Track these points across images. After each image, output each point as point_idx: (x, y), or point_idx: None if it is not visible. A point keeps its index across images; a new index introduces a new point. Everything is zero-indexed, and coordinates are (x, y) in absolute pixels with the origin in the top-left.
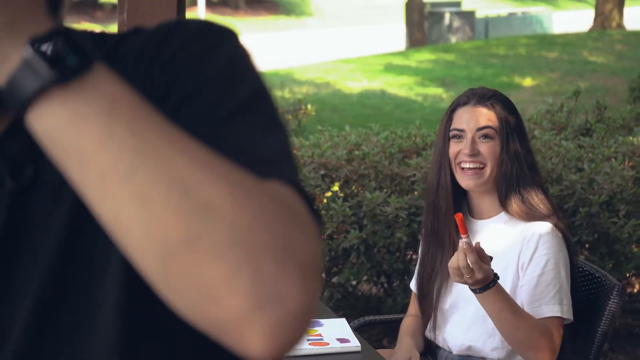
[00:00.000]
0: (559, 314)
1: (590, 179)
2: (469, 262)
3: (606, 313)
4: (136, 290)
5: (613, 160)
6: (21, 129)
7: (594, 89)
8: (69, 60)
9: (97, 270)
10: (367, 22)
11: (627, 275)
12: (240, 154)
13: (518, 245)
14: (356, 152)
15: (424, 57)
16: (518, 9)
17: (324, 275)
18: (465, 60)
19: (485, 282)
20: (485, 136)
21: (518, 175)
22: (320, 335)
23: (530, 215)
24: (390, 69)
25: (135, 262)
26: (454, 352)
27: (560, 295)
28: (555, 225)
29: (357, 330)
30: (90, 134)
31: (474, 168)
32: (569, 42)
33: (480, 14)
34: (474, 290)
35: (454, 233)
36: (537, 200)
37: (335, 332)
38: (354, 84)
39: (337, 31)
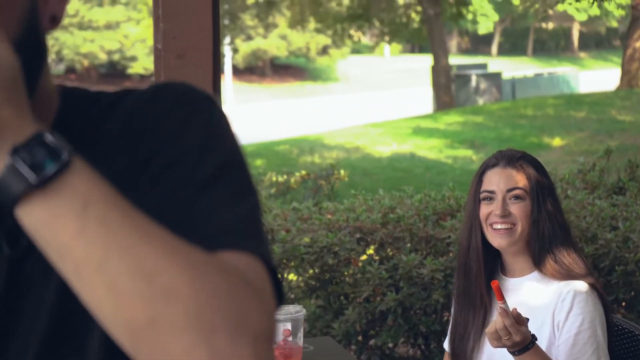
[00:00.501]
0: None
1: (625, 237)
2: (506, 325)
3: None
4: (114, 352)
5: None
6: None
7: (624, 148)
8: (47, 167)
9: (84, 332)
10: (394, 86)
11: None
12: (204, 226)
13: (553, 304)
14: (391, 215)
15: (452, 119)
16: (544, 70)
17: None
18: (493, 121)
19: (524, 344)
20: (516, 197)
21: (550, 235)
22: None
23: (563, 274)
24: (419, 132)
25: (110, 335)
26: None
27: (598, 354)
28: (590, 283)
29: None
30: (65, 230)
31: (505, 229)
32: (596, 101)
33: (506, 75)
34: (512, 353)
35: (485, 294)
36: (570, 259)
37: None
38: (384, 148)
39: (364, 96)
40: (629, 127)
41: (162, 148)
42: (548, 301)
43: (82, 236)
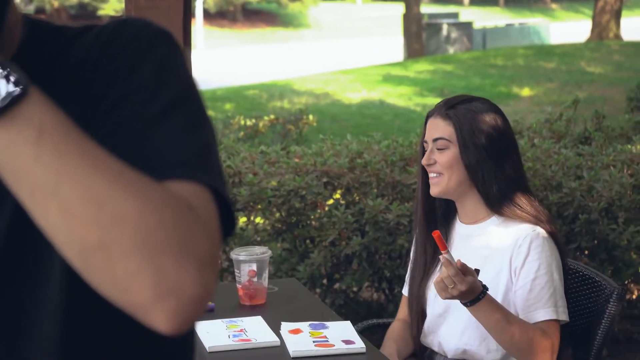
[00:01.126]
0: (554, 317)
1: (589, 187)
2: (450, 275)
3: (606, 316)
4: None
5: (612, 168)
6: None
7: (592, 99)
8: (4, 95)
9: (46, 251)
10: (365, 33)
11: (626, 281)
12: (155, 156)
13: (509, 250)
14: (358, 160)
15: (422, 67)
16: (515, 20)
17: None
18: (463, 70)
19: (474, 294)
20: (440, 145)
21: (495, 179)
22: (325, 337)
23: (520, 216)
24: (388, 79)
25: (64, 257)
26: (449, 356)
27: (555, 298)
28: (546, 228)
29: (359, 333)
30: (21, 157)
31: (435, 177)
32: (566, 52)
33: (477, 25)
34: (464, 304)
35: (429, 243)
36: (523, 202)
37: (340, 334)
38: (353, 95)
39: (335, 43)
40: (598, 79)
41: (119, 80)
42: (504, 247)
43: (37, 163)
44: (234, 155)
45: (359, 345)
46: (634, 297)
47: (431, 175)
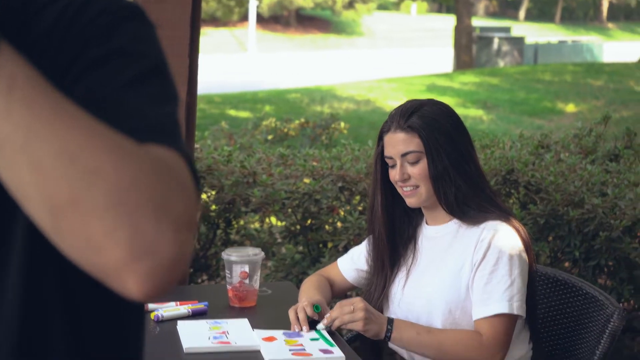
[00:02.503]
0: (505, 310)
1: (613, 204)
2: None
3: (605, 336)
4: (38, 238)
5: (639, 186)
6: None
7: (637, 118)
8: None
9: (6, 219)
10: (417, 44)
11: None
12: (130, 119)
13: (472, 245)
14: None
15: (468, 79)
16: (569, 37)
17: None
18: (509, 84)
19: (383, 321)
20: (412, 159)
21: (457, 186)
22: (301, 345)
23: (480, 219)
24: (432, 89)
25: (32, 218)
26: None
27: (511, 292)
28: (512, 225)
29: (349, 343)
30: None
31: (410, 190)
32: (616, 71)
33: (530, 40)
34: (385, 338)
35: (387, 259)
36: (486, 206)
37: (315, 344)
38: (394, 102)
39: (386, 52)
40: None
41: (91, 47)
42: (468, 244)
43: (6, 116)
44: (250, 156)
45: (338, 354)
46: None
47: (406, 189)
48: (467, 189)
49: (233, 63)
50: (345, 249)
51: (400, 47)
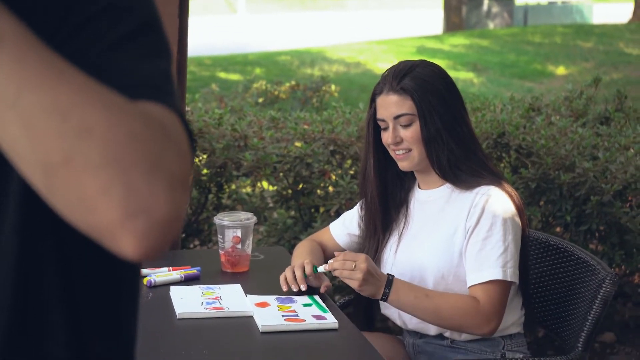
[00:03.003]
0: (499, 277)
1: (604, 168)
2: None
3: (598, 300)
4: (32, 196)
5: (630, 150)
6: None
7: (628, 80)
8: None
9: (2, 177)
10: (407, 5)
11: (638, 266)
12: (122, 77)
13: (466, 210)
14: None
15: (458, 41)
16: None
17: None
18: (499, 46)
19: (383, 279)
20: (405, 121)
21: (449, 149)
22: (294, 311)
23: (473, 184)
24: (422, 51)
25: (25, 176)
26: (409, 327)
27: (505, 259)
28: (504, 190)
29: (342, 308)
30: None
31: (403, 153)
32: (605, 32)
33: (519, 1)
34: (382, 298)
35: (379, 223)
36: (478, 170)
37: (307, 310)
38: (385, 65)
39: (376, 13)
40: (635, 61)
41: (79, 5)
42: (460, 208)
43: None
44: (241, 119)
45: (331, 320)
46: None
47: (398, 152)
48: (460, 152)
49: (222, 24)
50: (337, 214)
51: (390, 9)
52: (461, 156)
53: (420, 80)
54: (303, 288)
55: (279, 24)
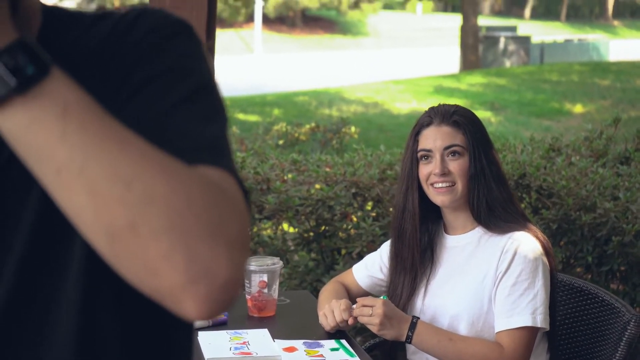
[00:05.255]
0: (529, 324)
1: (624, 208)
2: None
3: (623, 343)
4: (95, 260)
5: None
6: None
7: None
8: (28, 71)
9: (65, 242)
10: (423, 44)
11: None
12: (180, 140)
13: (497, 256)
14: (389, 172)
15: (475, 80)
16: (575, 36)
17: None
18: (517, 84)
19: (407, 322)
20: (454, 153)
21: (489, 189)
22: (322, 355)
23: (505, 228)
24: (440, 90)
25: (89, 242)
26: None
27: (535, 305)
28: (534, 235)
29: (368, 352)
30: (46, 135)
31: (446, 187)
32: (623, 70)
33: (536, 39)
34: (406, 341)
35: (418, 257)
36: (510, 212)
37: (334, 354)
38: (403, 105)
39: (393, 52)
40: None
41: (139, 67)
42: (491, 253)
43: (62, 141)
44: (263, 162)
45: None
46: None
47: (441, 185)
48: (498, 192)
49: (240, 64)
50: (359, 256)
51: (406, 47)
52: (498, 197)
53: (469, 119)
54: (350, 322)
55: (296, 63)
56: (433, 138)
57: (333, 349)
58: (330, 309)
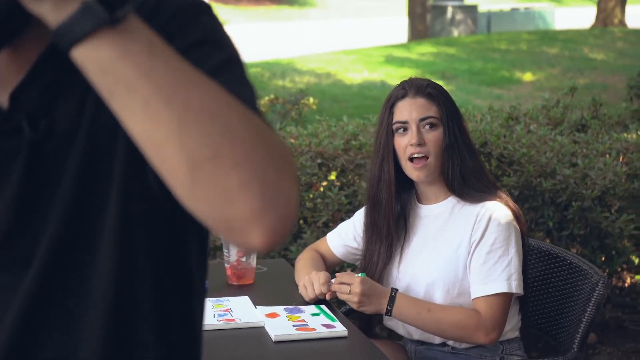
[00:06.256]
0: (505, 290)
1: (583, 174)
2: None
3: (591, 304)
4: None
5: (607, 156)
6: (34, 84)
7: (593, 86)
8: (118, 6)
9: (103, 199)
10: (370, 14)
11: (618, 269)
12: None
13: (470, 225)
14: (353, 142)
15: (425, 49)
16: (521, 5)
17: None
18: (466, 54)
19: (385, 296)
20: (430, 125)
21: (461, 160)
22: (304, 320)
23: (478, 198)
24: (391, 60)
25: (163, 175)
26: (415, 338)
27: (510, 271)
28: (505, 203)
29: (345, 315)
30: (136, 66)
31: (420, 158)
32: (570, 38)
33: (482, 8)
34: (386, 313)
35: (393, 226)
36: (482, 182)
37: (317, 319)
38: (355, 75)
39: (340, 22)
40: (600, 66)
41: (174, 40)
42: (465, 223)
43: (152, 72)
44: None
45: (340, 328)
46: (626, 285)
47: (417, 155)
48: (470, 163)
49: None
50: (326, 225)
51: (354, 17)
52: (471, 167)
53: (441, 91)
54: (328, 297)
55: (244, 35)
56: (409, 110)
57: (314, 314)
58: (310, 281)
